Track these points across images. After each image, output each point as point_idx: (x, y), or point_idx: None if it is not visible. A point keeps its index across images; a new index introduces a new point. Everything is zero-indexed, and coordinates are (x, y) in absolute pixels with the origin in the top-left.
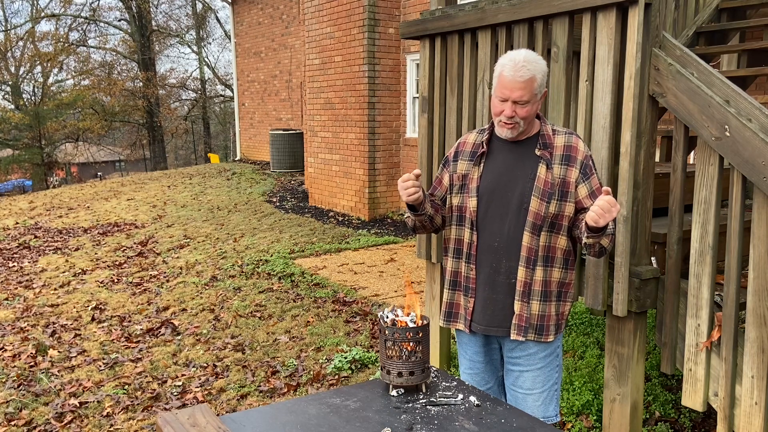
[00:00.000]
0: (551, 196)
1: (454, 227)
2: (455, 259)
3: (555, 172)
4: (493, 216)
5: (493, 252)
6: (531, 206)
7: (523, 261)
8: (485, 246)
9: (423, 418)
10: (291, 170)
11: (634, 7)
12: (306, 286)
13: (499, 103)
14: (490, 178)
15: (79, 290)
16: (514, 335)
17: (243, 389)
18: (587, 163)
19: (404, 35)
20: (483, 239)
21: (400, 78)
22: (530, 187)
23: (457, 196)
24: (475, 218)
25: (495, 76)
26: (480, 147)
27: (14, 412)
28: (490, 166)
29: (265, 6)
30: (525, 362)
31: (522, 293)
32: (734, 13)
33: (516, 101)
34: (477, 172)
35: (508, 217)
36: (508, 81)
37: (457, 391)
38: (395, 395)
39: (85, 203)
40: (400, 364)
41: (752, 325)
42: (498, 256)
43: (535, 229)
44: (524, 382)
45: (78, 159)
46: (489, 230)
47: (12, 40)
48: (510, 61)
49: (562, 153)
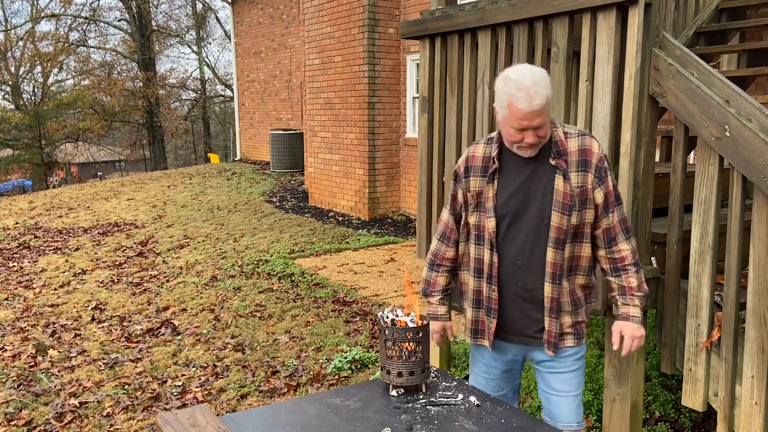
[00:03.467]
0: (571, 208)
1: (472, 245)
2: (476, 278)
3: (573, 182)
4: (514, 236)
5: (518, 271)
6: (552, 221)
7: (549, 277)
8: (509, 266)
9: (423, 418)
10: (291, 170)
11: (634, 7)
12: (306, 286)
13: (516, 132)
14: (506, 196)
15: (79, 290)
16: (548, 351)
17: (243, 389)
18: (602, 166)
19: (404, 35)
20: (506, 260)
21: (400, 78)
22: (549, 202)
23: (474, 214)
24: (494, 239)
25: (502, 104)
26: (491, 162)
27: (14, 412)
28: (505, 183)
29: (265, 6)
30: (560, 365)
31: (551, 309)
32: (734, 13)
33: (536, 127)
34: (491, 190)
35: (530, 236)
36: (525, 113)
37: (457, 391)
38: (395, 395)
39: (85, 203)
40: (400, 364)
41: (752, 325)
42: (523, 275)
43: (559, 244)
44: (560, 384)
45: (78, 159)
46: (511, 250)
47: (12, 40)
48: (520, 91)
49: (578, 158)
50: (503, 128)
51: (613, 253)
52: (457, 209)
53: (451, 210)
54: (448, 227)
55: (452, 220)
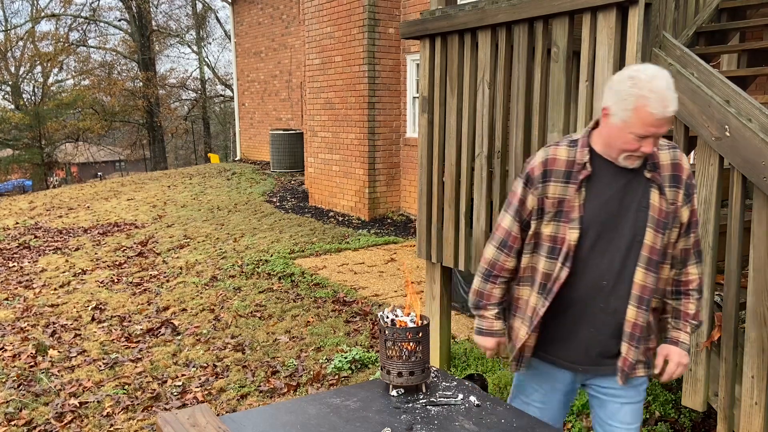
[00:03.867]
0: (666, 226)
1: (542, 258)
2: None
3: (668, 197)
4: (600, 251)
5: (599, 291)
6: (646, 240)
7: (635, 300)
8: (589, 285)
9: (423, 418)
10: (291, 170)
11: (634, 7)
12: (306, 286)
13: (636, 140)
14: (596, 206)
15: (79, 290)
16: (619, 380)
17: (243, 389)
18: (690, 183)
19: (404, 35)
20: (587, 278)
21: (400, 78)
22: (644, 218)
23: (551, 224)
24: (574, 252)
25: (627, 107)
26: (581, 168)
27: (14, 412)
28: (595, 192)
29: (265, 6)
30: (628, 395)
31: (631, 336)
32: (734, 13)
33: (659, 136)
34: (579, 198)
35: (619, 253)
36: (656, 119)
37: (457, 391)
38: (395, 395)
39: (85, 203)
40: (400, 364)
41: (752, 325)
42: (605, 297)
43: (651, 265)
44: (625, 415)
45: (78, 159)
46: (595, 267)
47: (12, 40)
48: (654, 93)
49: (670, 173)
50: (619, 133)
51: (680, 275)
52: (523, 216)
53: (517, 216)
54: (511, 235)
55: (517, 227)
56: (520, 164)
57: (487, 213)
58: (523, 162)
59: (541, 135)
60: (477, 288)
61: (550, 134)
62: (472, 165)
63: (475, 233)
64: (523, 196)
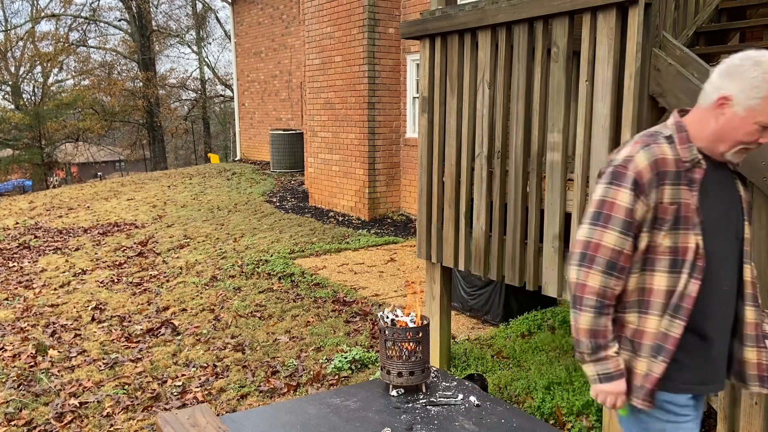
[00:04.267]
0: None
1: (662, 275)
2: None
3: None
4: (720, 257)
5: (723, 298)
6: (745, 233)
7: (751, 299)
8: (715, 294)
9: (423, 418)
10: (291, 170)
11: (634, 7)
12: (306, 286)
13: (759, 130)
14: (710, 207)
15: (79, 290)
16: (762, 388)
17: (243, 389)
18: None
19: (404, 35)
20: (714, 286)
21: (400, 78)
22: (741, 211)
23: (670, 234)
24: (703, 262)
25: (757, 95)
26: (691, 167)
27: (14, 412)
28: (706, 192)
29: (265, 6)
30: None
31: (757, 337)
32: (734, 13)
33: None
34: (693, 200)
35: (732, 253)
36: None
37: (457, 391)
38: (395, 395)
39: (85, 203)
40: (400, 364)
41: None
42: (729, 303)
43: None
44: None
45: (78, 159)
46: (716, 274)
47: (12, 40)
48: None
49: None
50: (740, 124)
51: None
52: (634, 231)
53: (626, 231)
54: (623, 254)
55: (630, 244)
56: (520, 164)
57: (487, 213)
58: (523, 162)
59: (541, 135)
60: (589, 327)
61: (550, 134)
62: (472, 165)
63: (475, 233)
64: (632, 206)
